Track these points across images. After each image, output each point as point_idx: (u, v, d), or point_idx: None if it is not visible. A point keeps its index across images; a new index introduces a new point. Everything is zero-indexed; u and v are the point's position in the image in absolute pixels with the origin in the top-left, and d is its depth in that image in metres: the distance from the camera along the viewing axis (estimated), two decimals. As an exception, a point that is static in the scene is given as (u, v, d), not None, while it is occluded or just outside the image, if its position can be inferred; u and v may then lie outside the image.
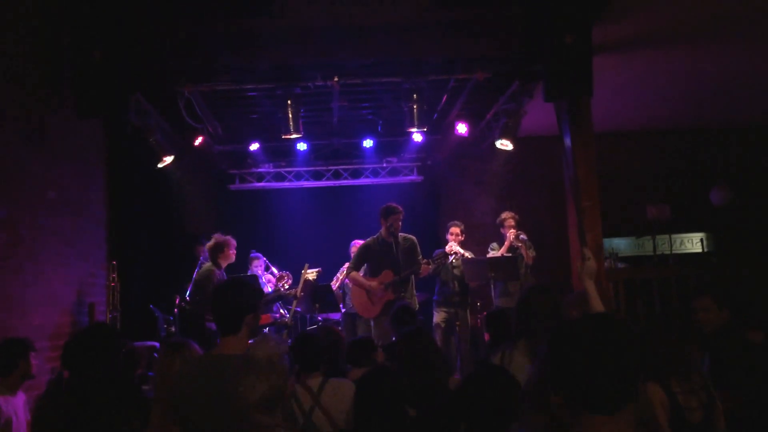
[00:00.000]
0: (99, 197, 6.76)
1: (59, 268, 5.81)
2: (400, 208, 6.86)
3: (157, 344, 6.47)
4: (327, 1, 6.13)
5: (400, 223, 6.83)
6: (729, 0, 5.47)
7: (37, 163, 5.43)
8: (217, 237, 7.04)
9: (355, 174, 9.62)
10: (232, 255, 7.07)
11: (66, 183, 5.97)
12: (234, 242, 7.08)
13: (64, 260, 5.90)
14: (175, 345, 3.21)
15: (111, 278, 6.61)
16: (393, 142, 9.19)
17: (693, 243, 8.58)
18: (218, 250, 6.97)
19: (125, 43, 5.86)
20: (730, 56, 6.72)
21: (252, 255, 8.15)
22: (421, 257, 6.78)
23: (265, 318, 7.10)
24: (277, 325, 7.25)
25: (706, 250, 8.47)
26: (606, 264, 7.00)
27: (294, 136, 6.80)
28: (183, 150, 7.94)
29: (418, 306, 7.01)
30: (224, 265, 7.00)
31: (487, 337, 7.27)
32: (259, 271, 8.05)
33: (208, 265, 6.93)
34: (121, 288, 6.87)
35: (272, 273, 8.15)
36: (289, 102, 6.70)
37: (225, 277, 6.94)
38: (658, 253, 8.26)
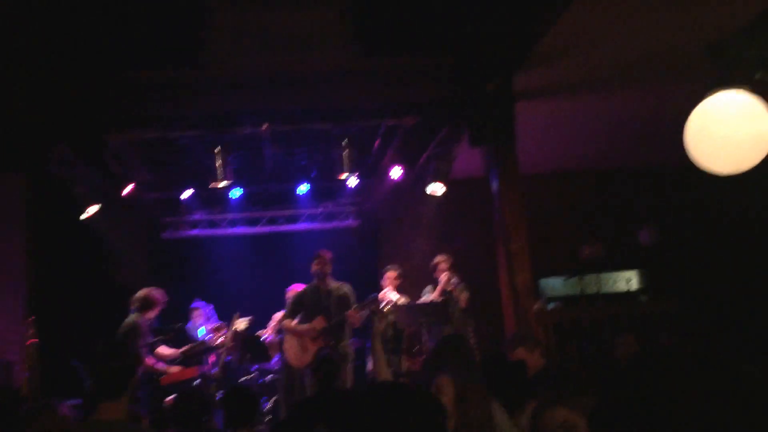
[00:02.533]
0: (18, 250, 6.53)
1: (-28, 327, 5.56)
2: (323, 253, 6.83)
3: (80, 401, 6.21)
4: (255, 49, 6.13)
5: (326, 268, 6.79)
6: (640, 49, 5.67)
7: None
8: (142, 291, 6.80)
9: (291, 219, 9.56)
10: (158, 310, 6.85)
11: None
12: (160, 292, 6.86)
13: (-23, 318, 5.65)
14: (38, 408, 3.05)
15: (28, 335, 6.35)
16: (329, 186, 9.18)
17: (624, 282, 8.73)
18: (148, 304, 6.73)
19: (48, 92, 5.75)
20: (648, 100, 6.96)
21: (193, 305, 7.96)
22: (354, 305, 6.71)
23: (193, 371, 6.88)
24: (206, 378, 7.03)
25: (636, 288, 8.63)
26: (538, 305, 7.05)
27: (222, 183, 6.73)
28: (112, 199, 7.76)
29: (353, 353, 6.93)
30: (151, 318, 6.77)
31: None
32: (198, 321, 7.86)
33: (132, 316, 6.69)
34: (43, 344, 6.59)
35: (212, 323, 7.97)
36: (217, 150, 6.64)
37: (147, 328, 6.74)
38: (592, 292, 8.39)
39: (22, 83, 5.63)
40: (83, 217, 6.90)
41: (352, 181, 8.18)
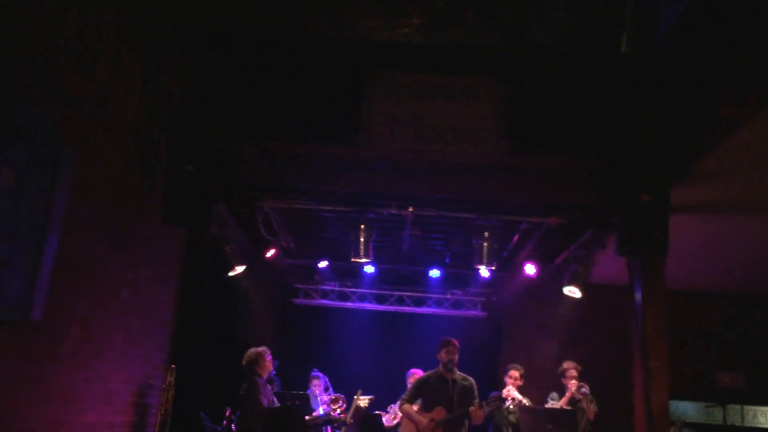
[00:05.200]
0: (169, 301, 6.94)
1: (121, 367, 5.91)
2: (455, 342, 6.77)
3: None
4: (410, 136, 6.38)
5: (456, 357, 6.71)
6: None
7: (117, 265, 5.67)
8: (250, 351, 7.04)
9: (419, 302, 9.63)
10: (268, 364, 7.04)
11: (141, 284, 6.18)
12: (268, 351, 7.07)
13: (127, 359, 6.01)
14: None
15: (168, 382, 6.67)
16: (459, 274, 9.23)
17: (767, 417, 8.06)
18: (254, 363, 6.97)
19: (215, 158, 6.24)
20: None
21: (313, 374, 8.13)
22: (477, 401, 6.58)
23: (312, 442, 6.97)
24: (323, 451, 7.09)
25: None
26: (672, 430, 6.63)
27: (363, 260, 6.91)
28: (253, 260, 8.17)
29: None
30: (264, 375, 6.96)
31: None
32: (317, 391, 7.98)
33: (249, 377, 6.90)
34: (175, 392, 6.89)
35: (329, 394, 8.07)
36: (361, 227, 6.86)
37: (268, 388, 6.91)
38: (729, 424, 7.79)
39: (192, 148, 6.13)
40: (231, 274, 7.28)
41: (485, 273, 8.16)
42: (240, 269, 7.38)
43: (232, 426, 7.21)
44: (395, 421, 7.56)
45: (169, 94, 6.30)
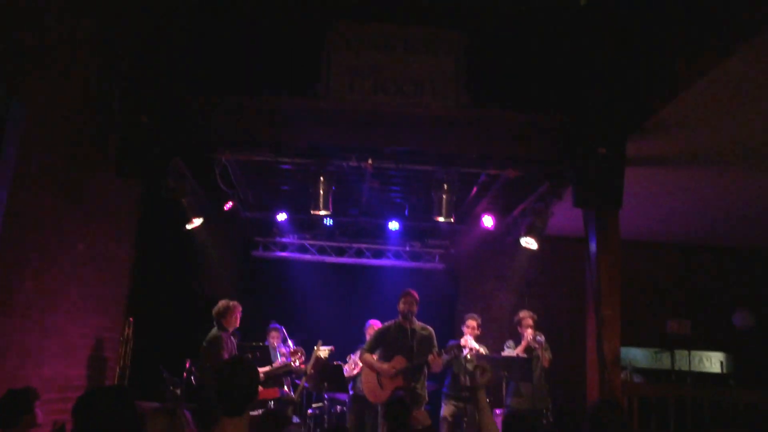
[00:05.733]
0: (125, 254, 6.86)
1: (78, 321, 5.86)
2: (414, 293, 6.86)
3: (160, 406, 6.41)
4: (369, 88, 6.34)
5: (414, 307, 6.80)
6: (760, 130, 5.57)
7: (71, 218, 5.56)
8: (221, 302, 7.00)
9: (378, 254, 9.68)
10: (235, 320, 7.02)
11: (96, 238, 6.08)
12: (239, 307, 7.05)
13: (84, 313, 5.95)
14: (164, 411, 3.15)
15: (126, 335, 6.63)
16: (418, 226, 9.29)
17: (712, 362, 8.43)
18: (221, 315, 6.92)
19: (171, 110, 6.10)
20: (759, 180, 6.78)
21: (271, 326, 8.15)
22: (435, 349, 6.70)
23: (273, 392, 7.02)
24: (284, 401, 7.16)
25: (725, 371, 8.30)
26: (622, 375, 6.87)
27: (322, 212, 6.89)
28: (211, 213, 8.08)
29: (427, 397, 6.91)
30: (230, 329, 6.95)
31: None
32: (276, 342, 8.02)
33: (214, 330, 6.90)
34: (134, 345, 6.87)
35: (288, 346, 8.12)
36: (321, 179, 6.82)
37: (233, 341, 6.92)
38: (676, 368, 8.12)
39: (148, 100, 5.98)
40: (189, 227, 7.20)
41: (443, 225, 8.23)
42: (197, 222, 7.29)
43: (192, 378, 7.22)
44: (355, 371, 7.67)
45: (123, 46, 6.11)
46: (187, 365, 7.32)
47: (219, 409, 2.75)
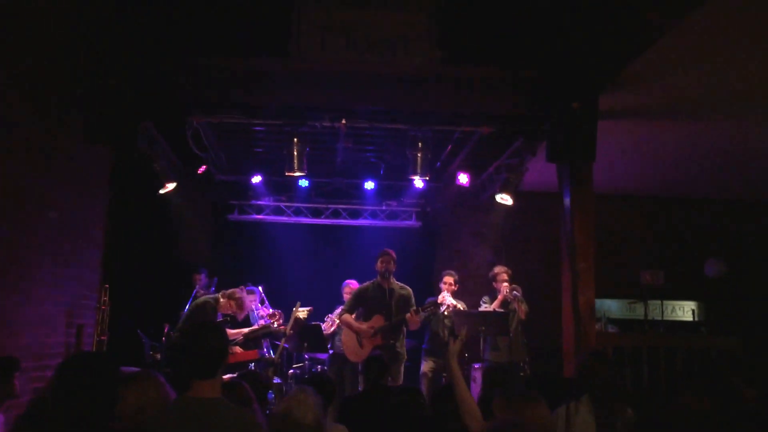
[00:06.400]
0: (99, 220, 6.78)
1: (52, 289, 5.80)
2: (391, 252, 6.90)
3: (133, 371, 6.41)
4: (342, 46, 6.24)
5: (392, 266, 6.85)
6: (731, 82, 5.60)
7: (42, 185, 5.46)
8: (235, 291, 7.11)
9: (354, 214, 9.68)
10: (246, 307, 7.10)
11: (68, 205, 5.99)
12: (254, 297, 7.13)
13: (58, 281, 5.89)
14: (138, 375, 3.15)
15: (102, 301, 6.59)
16: (394, 186, 9.29)
17: (684, 311, 8.63)
18: (230, 296, 6.98)
19: (140, 72, 5.97)
20: (731, 132, 6.86)
21: (247, 288, 8.14)
22: (413, 308, 6.77)
23: (253, 354, 7.07)
24: (264, 362, 7.21)
25: (696, 319, 8.51)
26: (597, 326, 7.01)
27: (297, 174, 6.86)
28: (185, 178, 8.01)
29: (405, 355, 7.01)
30: (227, 312, 7.00)
31: (474, 389, 7.27)
32: (253, 305, 8.04)
33: (205, 297, 6.90)
34: (111, 311, 6.84)
35: (266, 307, 8.14)
36: (295, 140, 6.76)
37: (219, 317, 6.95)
38: (649, 318, 8.29)
39: (116, 63, 5.84)
40: (162, 192, 7.13)
41: (419, 183, 8.25)
42: (171, 186, 7.23)
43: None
44: (332, 329, 7.74)
45: (90, 8, 5.93)
46: (166, 329, 7.32)
47: (190, 372, 2.76)
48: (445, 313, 7.38)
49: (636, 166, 8.24)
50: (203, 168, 8.17)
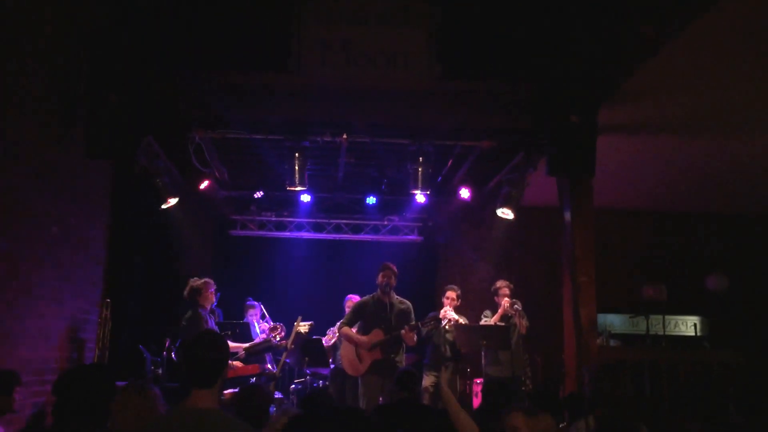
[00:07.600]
0: (100, 235, 6.80)
1: (53, 303, 5.82)
2: (392, 266, 6.90)
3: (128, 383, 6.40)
4: (341, 62, 6.29)
5: (393, 281, 6.85)
6: (732, 94, 5.62)
7: (42, 200, 5.49)
8: (191, 282, 6.97)
9: (356, 229, 9.70)
10: (210, 296, 7.01)
11: (69, 219, 6.02)
12: (211, 284, 7.02)
13: (59, 295, 5.91)
14: (133, 388, 3.15)
15: (103, 316, 6.61)
16: (395, 200, 9.30)
17: (687, 326, 8.59)
18: (196, 293, 6.90)
19: (141, 88, 6.01)
20: (731, 146, 6.87)
21: (248, 303, 8.16)
22: (411, 323, 6.75)
23: (254, 368, 7.06)
24: (266, 376, 7.20)
25: (699, 334, 8.48)
26: (599, 341, 6.99)
27: (299, 188, 6.87)
28: (187, 193, 8.03)
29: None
30: (207, 306, 6.94)
31: (476, 404, 7.24)
32: (254, 320, 8.03)
33: (191, 311, 6.87)
34: (112, 326, 6.85)
35: (267, 322, 8.13)
36: (296, 155, 6.79)
37: (210, 319, 6.92)
38: (651, 333, 8.26)
39: (117, 78, 5.88)
40: (164, 207, 7.15)
41: (420, 198, 8.26)
42: (172, 202, 7.24)
43: (172, 354, 7.25)
44: (332, 341, 7.73)
45: (90, 23, 5.99)
46: (167, 344, 7.32)
47: (189, 381, 2.76)
48: (447, 327, 7.37)
49: (638, 180, 8.25)
50: (206, 183, 8.20)
